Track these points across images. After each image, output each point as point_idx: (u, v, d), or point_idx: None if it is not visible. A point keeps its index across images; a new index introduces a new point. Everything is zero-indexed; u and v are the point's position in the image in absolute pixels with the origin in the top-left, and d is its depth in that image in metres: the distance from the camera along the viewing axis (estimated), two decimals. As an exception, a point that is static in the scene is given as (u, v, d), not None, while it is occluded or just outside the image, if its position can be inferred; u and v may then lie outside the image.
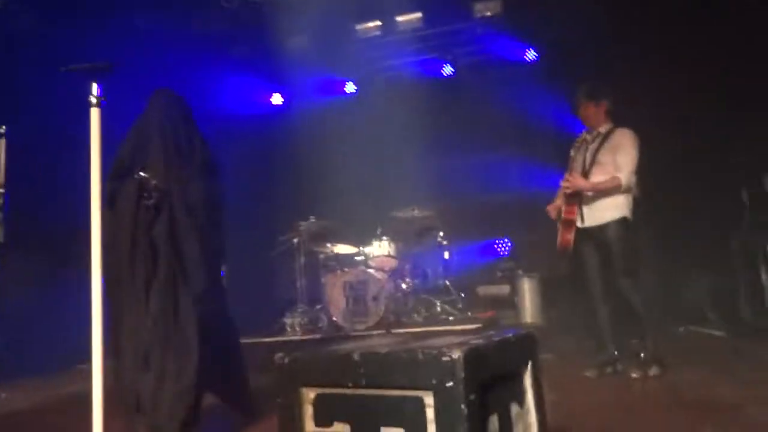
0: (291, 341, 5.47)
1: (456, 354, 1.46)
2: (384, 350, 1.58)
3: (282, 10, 6.73)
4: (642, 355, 3.85)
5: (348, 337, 5.15)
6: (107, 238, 2.48)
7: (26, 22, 5.64)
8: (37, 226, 2.41)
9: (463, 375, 1.45)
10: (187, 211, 2.68)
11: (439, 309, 5.82)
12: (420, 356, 1.50)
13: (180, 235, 2.63)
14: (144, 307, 2.54)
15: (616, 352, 3.98)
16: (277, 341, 5.50)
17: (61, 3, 5.71)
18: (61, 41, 4.92)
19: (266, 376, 4.63)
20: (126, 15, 6.10)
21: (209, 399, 2.85)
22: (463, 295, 6.04)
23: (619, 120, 4.07)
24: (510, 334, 1.83)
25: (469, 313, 5.82)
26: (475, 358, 1.51)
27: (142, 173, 2.64)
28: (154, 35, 6.50)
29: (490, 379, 1.61)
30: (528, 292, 5.65)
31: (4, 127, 2.56)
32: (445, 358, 1.47)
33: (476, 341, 1.63)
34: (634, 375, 3.77)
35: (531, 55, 7.26)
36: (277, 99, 7.95)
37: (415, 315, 5.77)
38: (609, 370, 3.94)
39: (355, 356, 1.57)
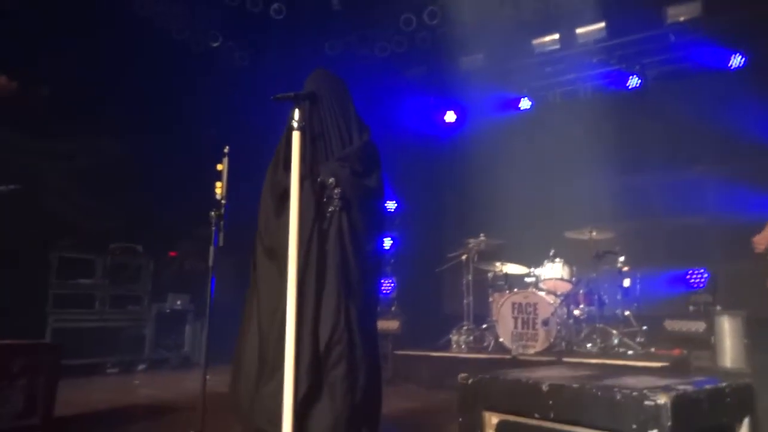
0: (456, 358, 5.45)
1: (662, 399, 1.33)
2: (576, 384, 1.50)
3: (457, 30, 6.85)
4: None
5: (517, 362, 4.98)
6: (274, 241, 2.44)
7: (238, 59, 6.52)
8: (248, 235, 2.71)
9: (669, 423, 1.31)
10: (362, 223, 2.53)
11: (616, 341, 5.34)
12: (618, 396, 1.39)
13: (352, 248, 2.47)
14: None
15: None
16: (442, 356, 5.53)
17: (265, 41, 6.50)
18: (268, 73, 5.60)
19: (438, 392, 4.69)
20: (320, 44, 6.71)
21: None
22: (645, 328, 5.48)
23: None
24: (723, 383, 1.61)
25: (653, 349, 5.26)
26: (684, 406, 1.36)
27: (326, 178, 2.47)
28: (339, 61, 7.08)
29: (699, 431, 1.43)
30: (729, 331, 4.92)
31: (228, 147, 2.94)
32: (648, 402, 1.34)
33: (683, 386, 1.46)
34: None
35: (737, 60, 6.41)
36: (450, 117, 8.08)
37: (589, 345, 5.37)
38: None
39: (544, 387, 1.51)
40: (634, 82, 7.01)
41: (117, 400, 4.39)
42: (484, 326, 5.91)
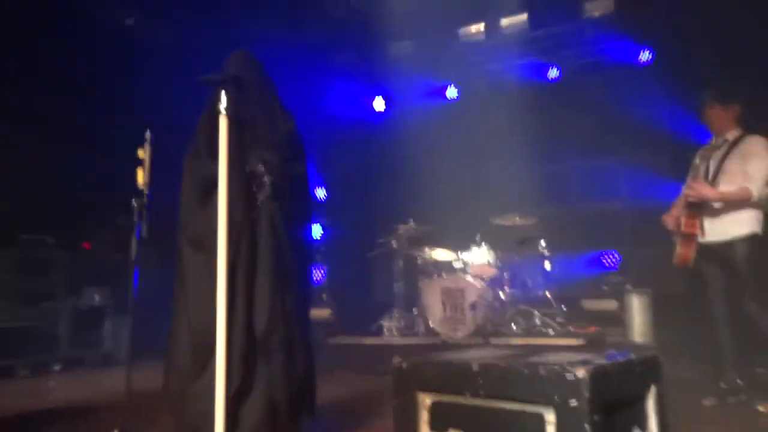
0: (389, 345, 5.54)
1: (581, 373, 1.42)
2: (503, 363, 1.57)
3: (385, 17, 6.86)
4: (772, 386, 3.51)
5: (447, 345, 5.13)
6: (200, 231, 2.37)
7: (162, 38, 6.21)
8: (174, 224, 2.59)
9: (588, 395, 1.40)
10: (293, 210, 2.53)
11: (538, 321, 5.64)
12: (542, 372, 1.47)
13: (285, 236, 2.46)
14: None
15: (739, 381, 3.65)
16: (375, 344, 5.60)
17: (189, 22, 6.22)
18: (194, 53, 5.37)
19: (371, 378, 4.72)
20: (245, 26, 6.52)
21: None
22: (564, 308, 5.81)
23: (750, 127, 3.74)
24: (633, 356, 1.75)
25: (571, 328, 5.59)
26: (600, 378, 1.46)
27: (255, 165, 2.44)
28: (267, 44, 6.90)
29: (613, 400, 1.55)
30: (637, 309, 5.31)
31: (149, 132, 2.79)
32: (569, 376, 1.43)
33: (599, 361, 1.58)
34: (761, 408, 3.44)
35: (645, 56, 6.84)
36: (379, 104, 8.10)
37: (513, 326, 5.63)
38: (731, 399, 3.62)
39: (474, 366, 1.57)
40: (553, 73, 7.32)
41: (29, 405, 4.10)
42: (415, 311, 6.04)
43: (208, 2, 6.33)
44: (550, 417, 1.46)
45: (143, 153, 2.76)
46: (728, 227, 3.55)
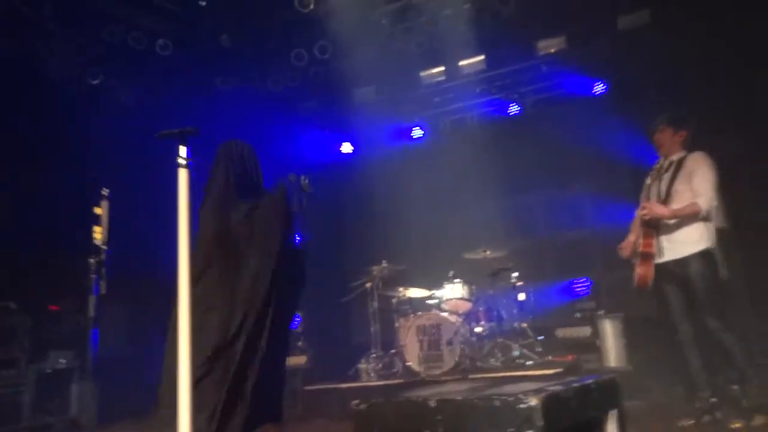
0: (366, 387, 5.45)
1: (533, 401, 1.43)
2: (460, 397, 1.58)
3: (348, 64, 7.05)
4: (743, 402, 3.55)
5: (425, 383, 5.08)
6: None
7: (121, 94, 6.26)
8: (137, 281, 2.57)
9: (541, 423, 1.42)
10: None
11: (516, 353, 5.64)
12: (497, 403, 1.48)
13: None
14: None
15: (713, 399, 3.69)
16: (351, 387, 5.51)
17: (152, 78, 6.30)
18: (155, 109, 5.41)
19: (342, 424, 4.64)
20: (210, 80, 6.63)
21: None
22: (541, 337, 5.82)
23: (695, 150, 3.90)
24: (590, 380, 1.77)
25: (549, 357, 5.59)
26: (553, 405, 1.47)
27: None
28: (232, 96, 7.01)
29: (571, 427, 1.56)
30: (611, 334, 5.36)
31: (107, 189, 2.79)
32: (522, 405, 1.44)
33: (554, 387, 1.59)
34: (735, 425, 3.47)
35: (599, 88, 7.14)
36: (347, 148, 8.22)
37: (492, 360, 5.61)
38: (707, 419, 3.65)
39: (431, 403, 1.58)
40: (514, 109, 7.57)
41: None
42: (393, 351, 5.98)
43: (172, 60, 6.44)
44: (507, 448, 1.46)
45: (100, 210, 2.75)
46: (682, 245, 3.65)
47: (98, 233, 2.76)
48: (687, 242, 3.64)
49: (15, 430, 5.44)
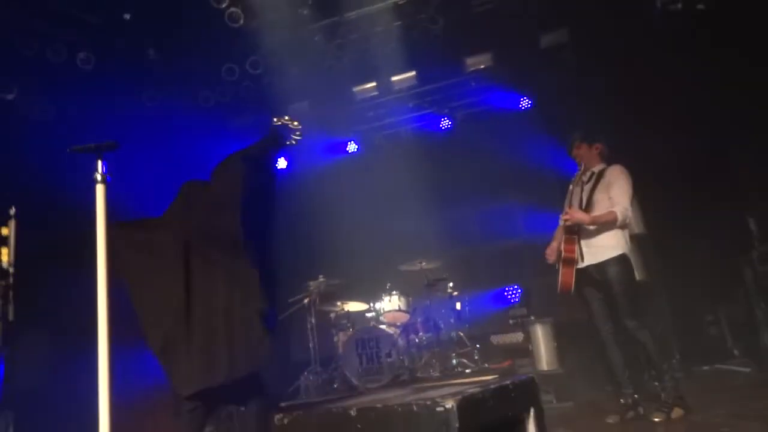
0: (306, 404, 5.37)
1: (449, 404, 1.47)
2: (380, 405, 1.59)
3: (281, 79, 7.02)
4: (662, 397, 3.77)
5: (360, 395, 5.06)
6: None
7: (38, 108, 5.95)
8: (55, 305, 2.44)
9: (457, 424, 1.45)
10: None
11: (454, 362, 5.73)
12: (415, 408, 1.51)
13: None
14: None
15: (636, 396, 3.89)
16: (291, 405, 5.41)
17: (73, 93, 6.03)
18: (71, 124, 5.17)
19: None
20: (138, 94, 6.41)
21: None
22: (478, 345, 5.95)
23: (613, 161, 4.15)
24: (508, 381, 1.83)
25: (486, 365, 5.71)
26: (469, 407, 1.52)
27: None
28: (160, 111, 6.81)
29: (489, 427, 1.61)
30: (542, 338, 5.55)
31: (14, 208, 2.66)
32: (438, 409, 1.48)
33: (472, 390, 1.64)
34: (656, 419, 3.68)
35: (525, 103, 7.45)
36: (281, 163, 8.15)
37: (431, 370, 5.67)
38: (630, 414, 3.85)
39: (352, 412, 1.58)
40: (445, 123, 7.78)
41: None
42: (332, 367, 5.94)
43: (96, 72, 6.19)
44: (427, 452, 1.48)
45: (7, 230, 2.61)
46: (601, 251, 3.86)
47: (5, 255, 2.60)
48: (605, 247, 3.85)
49: None
